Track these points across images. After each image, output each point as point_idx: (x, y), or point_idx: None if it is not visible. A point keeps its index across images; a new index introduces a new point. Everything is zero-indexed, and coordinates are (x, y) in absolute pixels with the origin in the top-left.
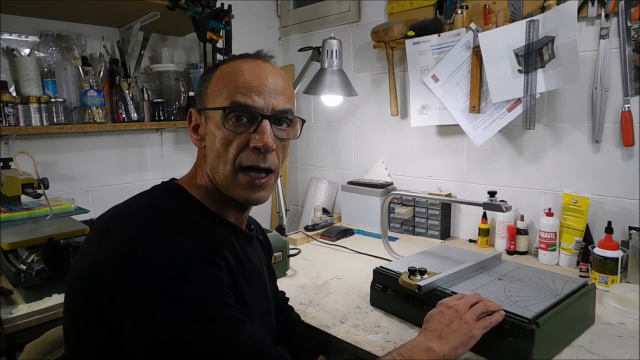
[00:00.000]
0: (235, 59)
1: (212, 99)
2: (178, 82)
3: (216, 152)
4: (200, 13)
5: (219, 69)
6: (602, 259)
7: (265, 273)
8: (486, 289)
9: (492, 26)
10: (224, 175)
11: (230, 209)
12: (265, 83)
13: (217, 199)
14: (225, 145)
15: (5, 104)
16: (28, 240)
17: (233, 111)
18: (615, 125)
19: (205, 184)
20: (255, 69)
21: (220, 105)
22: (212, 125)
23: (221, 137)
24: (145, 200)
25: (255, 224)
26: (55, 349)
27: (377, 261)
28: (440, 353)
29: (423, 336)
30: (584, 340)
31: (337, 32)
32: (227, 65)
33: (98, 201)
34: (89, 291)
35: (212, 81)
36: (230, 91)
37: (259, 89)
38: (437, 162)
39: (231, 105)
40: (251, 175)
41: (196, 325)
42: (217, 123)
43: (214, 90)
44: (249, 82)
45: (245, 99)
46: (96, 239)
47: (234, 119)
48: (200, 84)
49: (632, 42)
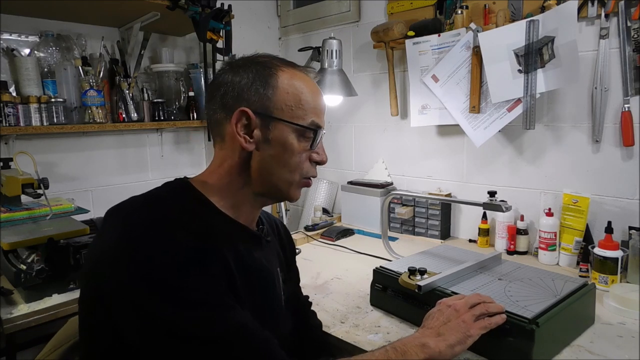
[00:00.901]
0: (295, 67)
1: (282, 110)
2: (178, 82)
3: (283, 161)
4: (200, 13)
5: (281, 77)
6: (602, 259)
7: (277, 275)
8: (486, 289)
9: (492, 26)
10: (288, 181)
11: (246, 208)
12: (325, 107)
13: (231, 199)
14: (296, 156)
15: (5, 104)
16: (28, 240)
17: (314, 132)
18: (615, 125)
19: (221, 183)
20: (317, 88)
21: (299, 123)
22: (278, 133)
23: (296, 150)
24: (152, 195)
25: (269, 224)
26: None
27: (377, 261)
28: (435, 350)
29: (420, 332)
30: (584, 340)
31: (337, 32)
32: (295, 78)
33: (98, 201)
34: (95, 289)
35: (278, 90)
36: (310, 112)
37: (323, 111)
38: (437, 162)
39: (314, 127)
40: (308, 180)
41: (192, 316)
42: (290, 136)
43: (284, 101)
44: (321, 105)
45: (321, 123)
46: (102, 236)
47: (307, 137)
48: (258, 86)
49: (632, 42)
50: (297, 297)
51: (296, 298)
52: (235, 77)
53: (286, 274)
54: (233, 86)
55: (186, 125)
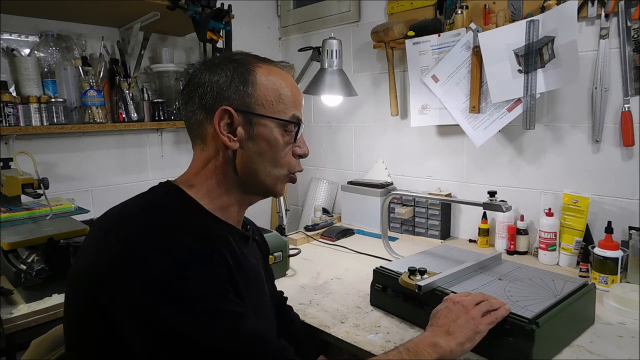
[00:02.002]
0: (270, 63)
1: (264, 106)
2: (178, 82)
3: (269, 157)
4: (200, 13)
5: (259, 74)
6: (602, 259)
7: (263, 273)
8: (486, 289)
9: (492, 26)
10: (276, 177)
11: (234, 208)
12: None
13: (219, 200)
14: (281, 152)
15: (5, 104)
16: (28, 240)
17: (296, 125)
18: (615, 125)
19: (209, 184)
20: (294, 82)
21: (282, 117)
22: (262, 129)
23: (279, 145)
24: (144, 201)
25: (251, 224)
26: (60, 345)
27: (377, 261)
28: (447, 349)
29: (430, 332)
30: (584, 340)
31: (337, 32)
32: (272, 73)
33: (98, 201)
34: (90, 292)
35: (257, 86)
36: (290, 106)
37: (302, 104)
38: (437, 162)
39: (296, 120)
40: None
41: (198, 321)
42: (274, 131)
43: (265, 96)
44: (298, 98)
45: (300, 115)
46: (97, 239)
47: (290, 131)
48: (237, 84)
49: (632, 42)
50: (274, 293)
51: (274, 294)
52: (213, 76)
53: (265, 271)
54: (212, 86)
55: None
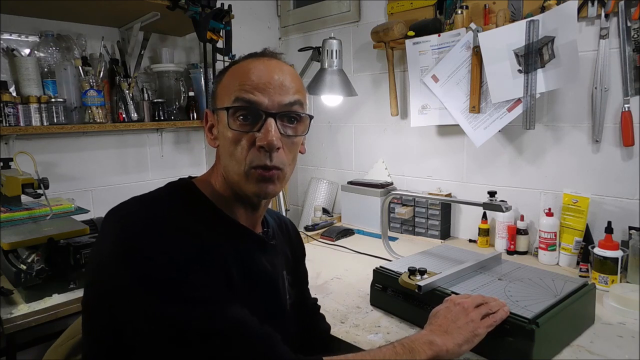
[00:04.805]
0: (244, 58)
1: (220, 99)
2: (178, 82)
3: (228, 152)
4: (200, 13)
5: (229, 70)
6: (602, 259)
7: (283, 278)
8: (486, 289)
9: (492, 26)
10: (237, 173)
11: (241, 209)
12: (270, 80)
13: (228, 199)
14: (235, 145)
15: (5, 104)
16: (28, 240)
17: (238, 110)
18: (615, 125)
19: (218, 183)
20: (261, 66)
21: (226, 105)
22: (221, 125)
23: (229, 137)
24: (150, 196)
25: (279, 225)
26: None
27: (377, 261)
28: (443, 348)
29: (427, 330)
30: (584, 340)
31: (337, 32)
32: (237, 65)
33: (98, 201)
34: (96, 290)
35: (221, 82)
36: (235, 90)
37: (263, 86)
38: (437, 162)
39: (234, 104)
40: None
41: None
42: (224, 123)
43: (222, 90)
44: (253, 80)
45: (247, 96)
46: (99, 237)
47: (240, 118)
48: (213, 85)
49: (632, 42)
50: (305, 301)
51: (303, 301)
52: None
53: (293, 276)
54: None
55: (186, 125)
